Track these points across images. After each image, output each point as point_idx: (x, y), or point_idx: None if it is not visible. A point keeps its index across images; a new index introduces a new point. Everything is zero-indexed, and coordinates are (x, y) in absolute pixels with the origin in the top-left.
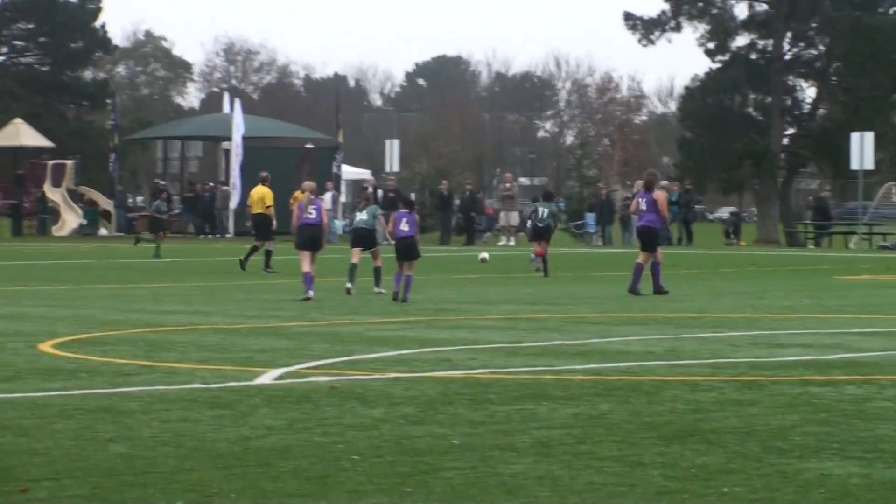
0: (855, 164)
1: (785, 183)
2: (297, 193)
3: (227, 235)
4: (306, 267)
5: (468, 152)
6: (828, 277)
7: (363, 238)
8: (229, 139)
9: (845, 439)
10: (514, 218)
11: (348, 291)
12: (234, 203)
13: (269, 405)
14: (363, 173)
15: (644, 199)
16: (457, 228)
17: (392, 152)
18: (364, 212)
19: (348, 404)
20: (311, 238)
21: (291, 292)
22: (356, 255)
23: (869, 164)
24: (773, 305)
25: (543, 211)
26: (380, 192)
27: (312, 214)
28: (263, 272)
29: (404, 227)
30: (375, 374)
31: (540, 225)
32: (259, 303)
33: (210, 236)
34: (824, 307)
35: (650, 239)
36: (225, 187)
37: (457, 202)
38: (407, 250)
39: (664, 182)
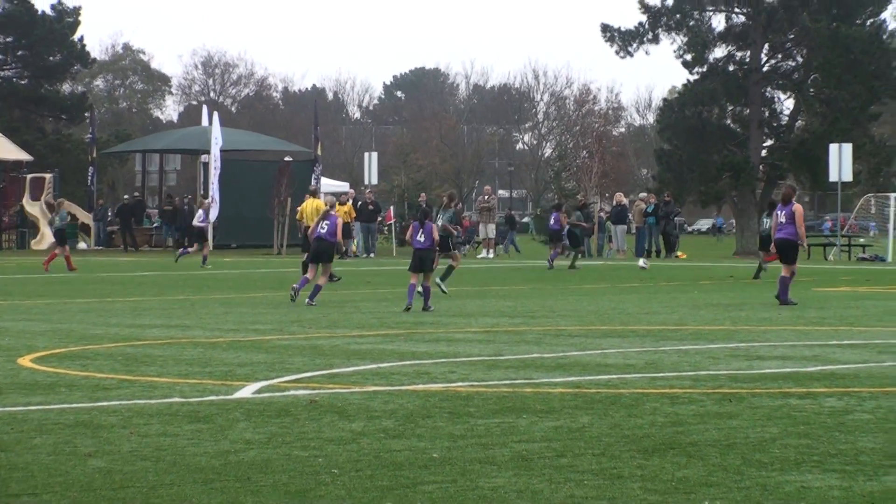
0: (833, 176)
1: (763, 195)
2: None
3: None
4: (322, 279)
5: (446, 164)
6: (807, 289)
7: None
8: (208, 152)
9: (825, 452)
10: (493, 230)
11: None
12: (212, 216)
13: (248, 419)
14: (342, 186)
15: (783, 212)
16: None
17: (370, 165)
18: (441, 215)
19: (328, 418)
20: (318, 251)
21: (271, 305)
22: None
23: (847, 176)
24: (752, 317)
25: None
26: (359, 204)
27: (324, 229)
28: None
29: (420, 237)
30: (355, 388)
31: (762, 235)
32: (238, 316)
33: (189, 249)
34: (803, 319)
35: (789, 250)
36: (204, 200)
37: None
38: (420, 262)
39: (642, 194)
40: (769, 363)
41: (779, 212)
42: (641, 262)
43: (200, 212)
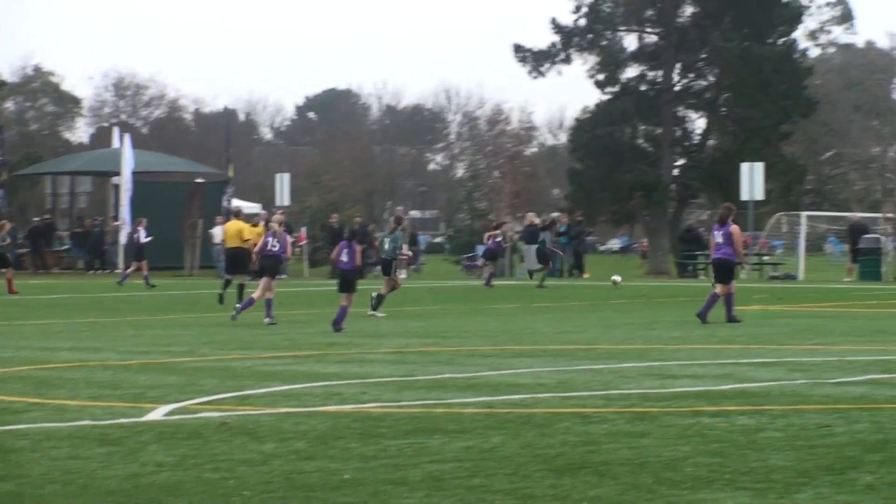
0: (745, 195)
1: (676, 214)
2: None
3: (117, 271)
4: (257, 294)
5: (359, 185)
6: (718, 308)
7: (383, 265)
8: (119, 174)
9: (737, 469)
10: (405, 250)
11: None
12: (123, 238)
13: (159, 441)
14: (254, 207)
15: (720, 232)
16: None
17: (282, 186)
18: (387, 239)
19: (239, 440)
20: (266, 267)
21: (182, 327)
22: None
23: (759, 195)
24: (663, 336)
25: None
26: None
27: (276, 247)
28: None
29: (344, 257)
30: (266, 410)
31: None
32: (149, 338)
33: (100, 272)
34: (715, 338)
35: (726, 270)
36: (115, 222)
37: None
38: (343, 282)
39: (554, 214)
40: (681, 382)
41: (715, 232)
42: (615, 277)
43: (141, 230)
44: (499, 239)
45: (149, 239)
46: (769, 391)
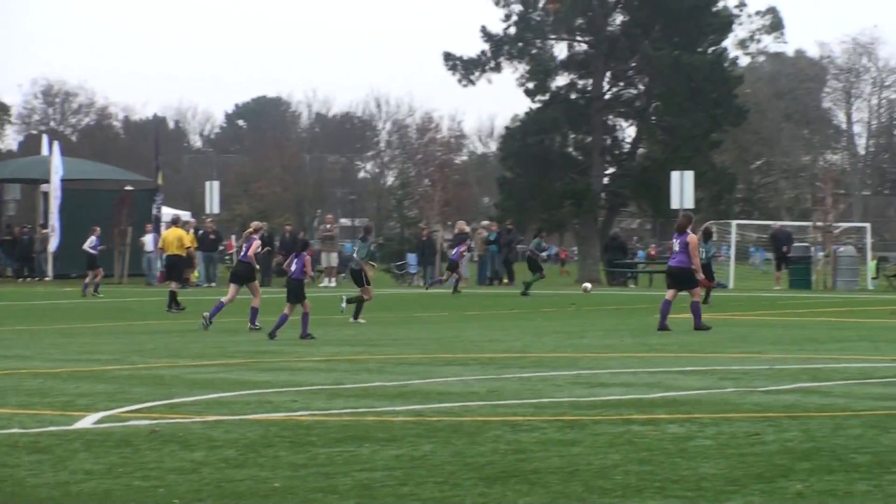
0: (675, 203)
1: (606, 222)
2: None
3: (47, 278)
4: (225, 298)
5: (289, 193)
6: (648, 316)
7: (353, 276)
8: (48, 181)
9: (667, 478)
10: (335, 259)
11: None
12: (52, 246)
13: (88, 449)
14: (184, 215)
15: (678, 241)
16: (277, 270)
17: (212, 194)
18: (356, 248)
19: (168, 448)
20: (236, 272)
21: (112, 335)
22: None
23: (689, 203)
24: (594, 345)
25: None
26: (200, 233)
27: (242, 252)
28: (166, 311)
29: (293, 267)
30: (196, 418)
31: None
32: (79, 346)
33: (29, 279)
34: (645, 346)
35: (681, 278)
36: (44, 230)
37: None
38: (291, 291)
39: (484, 222)
40: (611, 390)
41: (674, 240)
42: (586, 285)
43: (93, 238)
44: (465, 253)
45: (95, 249)
46: (699, 399)
